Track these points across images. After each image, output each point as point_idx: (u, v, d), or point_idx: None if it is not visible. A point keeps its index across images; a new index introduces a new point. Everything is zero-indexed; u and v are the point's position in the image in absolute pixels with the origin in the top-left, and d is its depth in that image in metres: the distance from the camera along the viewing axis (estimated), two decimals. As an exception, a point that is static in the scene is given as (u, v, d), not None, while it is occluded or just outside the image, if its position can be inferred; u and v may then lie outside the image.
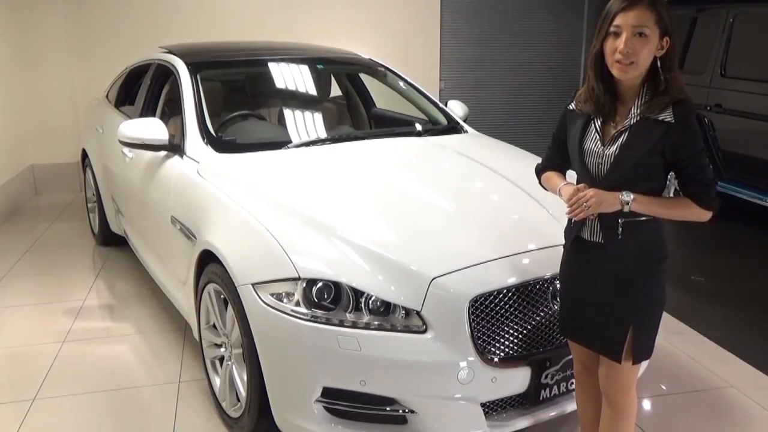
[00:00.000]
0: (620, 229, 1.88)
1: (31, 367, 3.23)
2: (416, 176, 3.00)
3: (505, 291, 2.25)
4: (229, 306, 2.50)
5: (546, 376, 2.30)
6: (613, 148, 1.87)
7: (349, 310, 2.21)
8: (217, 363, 2.81)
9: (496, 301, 2.23)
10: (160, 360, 3.30)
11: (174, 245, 3.12)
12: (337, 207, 2.63)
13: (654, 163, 1.83)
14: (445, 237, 2.43)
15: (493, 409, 2.29)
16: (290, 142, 3.36)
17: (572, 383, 2.37)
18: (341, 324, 2.18)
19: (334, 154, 3.25)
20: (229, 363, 2.65)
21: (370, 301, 2.21)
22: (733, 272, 4.60)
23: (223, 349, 2.72)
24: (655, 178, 1.87)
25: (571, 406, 2.40)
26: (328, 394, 2.22)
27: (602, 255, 1.94)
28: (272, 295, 2.28)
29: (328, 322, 2.19)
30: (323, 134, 3.63)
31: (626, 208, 1.83)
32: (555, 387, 2.33)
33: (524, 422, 2.31)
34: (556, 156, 2.15)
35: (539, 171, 2.21)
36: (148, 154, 3.51)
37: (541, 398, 2.32)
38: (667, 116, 1.80)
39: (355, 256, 2.31)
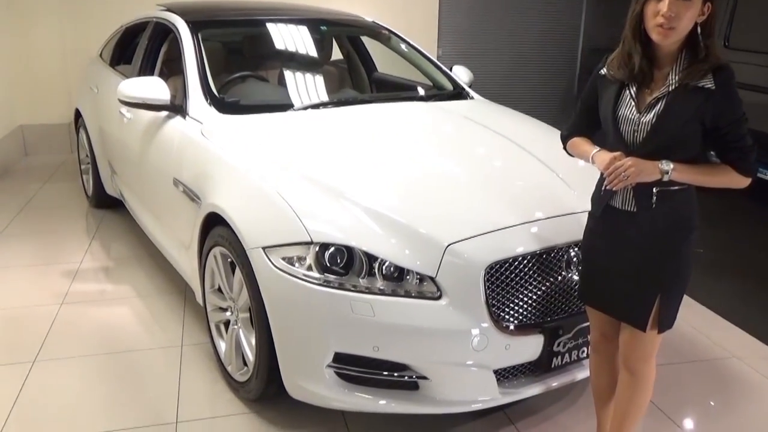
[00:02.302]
0: (654, 197, 1.85)
1: (30, 329, 3.18)
2: (426, 141, 2.95)
3: (520, 258, 2.22)
4: (237, 270, 2.46)
5: (558, 344, 2.29)
6: (649, 116, 1.82)
7: (362, 275, 2.18)
8: (222, 327, 2.78)
9: (512, 268, 2.21)
10: (161, 323, 3.26)
11: (176, 208, 3.06)
12: (348, 171, 2.57)
13: (692, 131, 1.80)
14: (459, 202, 2.39)
15: (504, 376, 2.28)
16: (294, 104, 3.28)
17: (583, 352, 2.37)
18: (354, 289, 2.15)
19: (340, 117, 3.18)
20: (236, 327, 2.61)
21: (384, 267, 2.18)
22: (734, 244, 4.62)
23: (228, 313, 2.69)
24: (692, 146, 1.83)
25: (581, 375, 2.40)
26: (340, 359, 2.20)
27: (633, 224, 1.91)
28: (283, 259, 2.23)
29: (341, 287, 2.15)
30: (327, 97, 3.55)
31: (666, 178, 1.79)
32: (567, 355, 2.33)
33: (535, 389, 2.31)
34: (584, 122, 2.10)
35: (565, 137, 2.16)
36: (148, 115, 3.42)
37: (552, 366, 2.31)
38: (707, 83, 1.75)
39: (368, 221, 2.26)
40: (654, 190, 1.85)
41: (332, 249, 2.19)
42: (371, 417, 2.49)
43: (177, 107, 3.20)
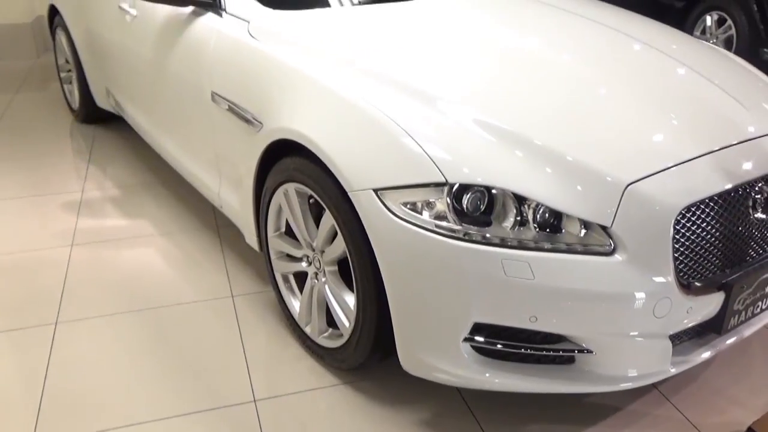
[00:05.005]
0: None
1: (43, 280, 2.62)
2: (548, 44, 2.28)
3: (715, 199, 1.74)
4: (326, 214, 1.93)
5: (738, 301, 1.85)
6: None
7: (513, 225, 1.67)
8: (292, 279, 2.28)
9: (699, 212, 1.73)
10: (198, 268, 2.72)
11: (218, 130, 2.46)
12: (472, 83, 1.98)
13: None
14: (626, 126, 1.85)
15: (672, 341, 1.85)
16: (354, -3, 2.64)
17: (758, 307, 1.94)
18: (504, 244, 1.65)
19: (423, 11, 2.52)
20: (315, 281, 2.11)
21: (538, 214, 1.67)
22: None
23: (304, 264, 2.17)
24: None
25: (748, 331, 1.98)
26: (479, 330, 1.73)
27: None
28: (405, 204, 1.71)
29: (485, 241, 1.65)
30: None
31: None
32: (743, 313, 1.90)
33: (705, 354, 1.88)
34: None
35: None
36: (164, 12, 2.74)
37: (729, 327, 1.89)
38: None
39: (510, 150, 1.73)
40: None
41: (472, 192, 1.67)
42: (493, 392, 2.06)
43: (208, 2, 2.53)
